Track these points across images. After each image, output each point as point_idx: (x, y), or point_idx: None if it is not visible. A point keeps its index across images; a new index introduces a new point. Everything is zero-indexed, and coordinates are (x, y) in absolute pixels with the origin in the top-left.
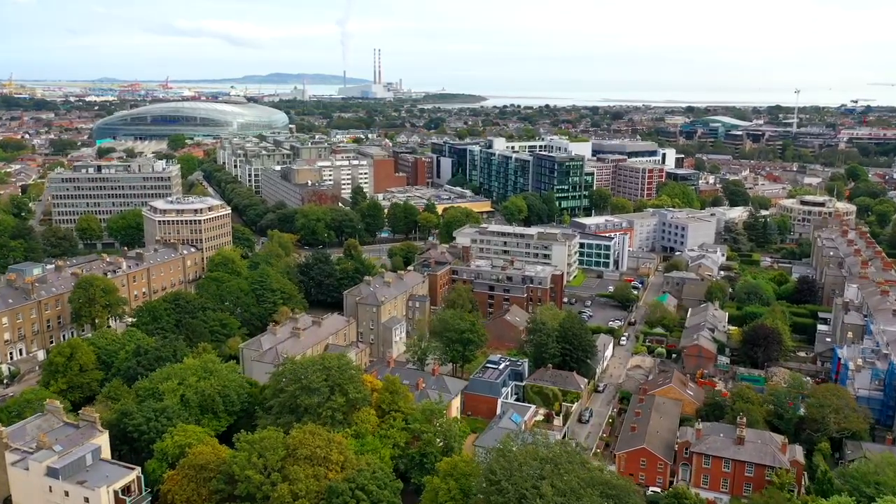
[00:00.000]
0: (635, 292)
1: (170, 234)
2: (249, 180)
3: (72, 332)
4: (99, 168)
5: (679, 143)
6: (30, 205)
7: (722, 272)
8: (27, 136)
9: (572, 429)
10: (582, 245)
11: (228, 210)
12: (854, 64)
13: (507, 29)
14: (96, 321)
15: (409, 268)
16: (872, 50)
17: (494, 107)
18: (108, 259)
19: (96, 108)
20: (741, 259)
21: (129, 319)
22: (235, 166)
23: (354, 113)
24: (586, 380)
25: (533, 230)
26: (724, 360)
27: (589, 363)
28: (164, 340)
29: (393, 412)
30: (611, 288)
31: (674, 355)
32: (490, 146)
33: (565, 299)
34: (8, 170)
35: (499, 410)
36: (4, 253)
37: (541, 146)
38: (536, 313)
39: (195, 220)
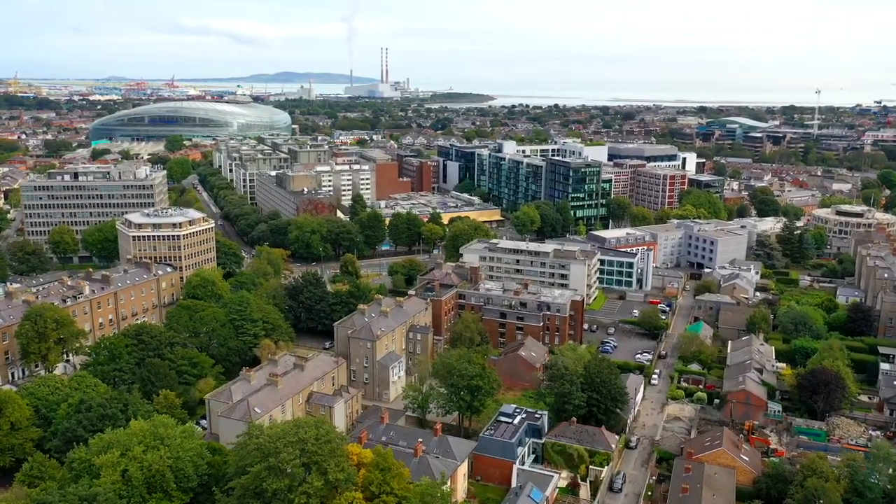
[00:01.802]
0: (663, 317)
1: (145, 250)
2: (244, 186)
3: (22, 370)
4: (76, 175)
5: (695, 145)
6: (9, 213)
7: (758, 293)
8: (23, 136)
9: (602, 501)
10: (602, 262)
11: (212, 224)
12: (861, 64)
13: (516, 28)
14: (49, 358)
15: (411, 291)
16: (874, 50)
17: (503, 106)
18: (68, 282)
19: (99, 107)
20: (777, 277)
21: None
22: (230, 171)
23: (360, 113)
24: (617, 437)
25: (548, 246)
26: (775, 407)
27: (619, 413)
28: (112, 392)
29: (384, 495)
30: (636, 312)
31: (716, 400)
32: (500, 150)
33: (585, 326)
34: None
35: (514, 481)
36: None
37: (553, 150)
38: (556, 354)
39: (173, 236)
